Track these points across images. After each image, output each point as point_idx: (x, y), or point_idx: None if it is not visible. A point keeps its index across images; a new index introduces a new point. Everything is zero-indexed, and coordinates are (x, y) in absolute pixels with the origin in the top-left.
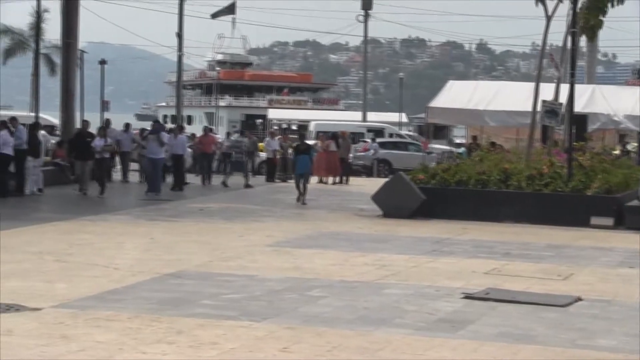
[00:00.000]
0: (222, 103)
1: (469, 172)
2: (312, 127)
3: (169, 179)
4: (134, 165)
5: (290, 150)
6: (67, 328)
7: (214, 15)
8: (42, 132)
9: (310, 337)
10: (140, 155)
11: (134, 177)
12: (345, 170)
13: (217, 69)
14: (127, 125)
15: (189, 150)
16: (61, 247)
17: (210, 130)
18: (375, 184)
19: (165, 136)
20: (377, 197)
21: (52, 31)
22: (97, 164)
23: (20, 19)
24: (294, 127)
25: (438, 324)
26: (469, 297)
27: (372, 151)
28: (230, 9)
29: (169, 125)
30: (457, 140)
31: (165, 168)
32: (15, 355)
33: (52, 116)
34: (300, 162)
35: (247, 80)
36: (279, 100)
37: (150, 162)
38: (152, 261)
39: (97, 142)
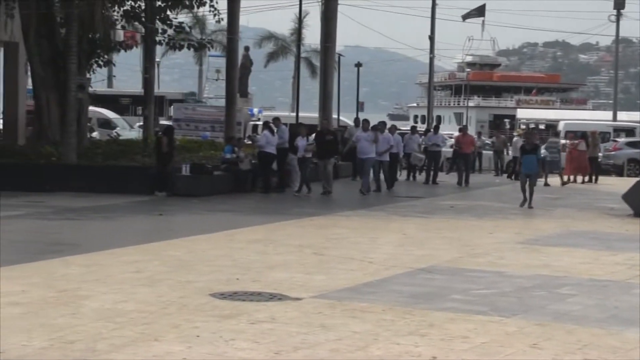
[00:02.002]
0: (471, 103)
1: None
2: (561, 126)
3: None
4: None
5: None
6: (326, 318)
7: (464, 17)
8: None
9: (560, 334)
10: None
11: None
12: (595, 169)
13: (467, 70)
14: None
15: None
16: (318, 241)
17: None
18: (625, 183)
19: (379, 136)
20: (628, 197)
21: (311, 36)
22: (300, 163)
23: (282, 25)
24: (542, 127)
25: None
26: None
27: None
28: (479, 11)
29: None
30: None
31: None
32: (279, 342)
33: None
34: (527, 162)
35: (496, 81)
36: (527, 101)
37: (360, 161)
38: (404, 256)
39: (300, 142)
